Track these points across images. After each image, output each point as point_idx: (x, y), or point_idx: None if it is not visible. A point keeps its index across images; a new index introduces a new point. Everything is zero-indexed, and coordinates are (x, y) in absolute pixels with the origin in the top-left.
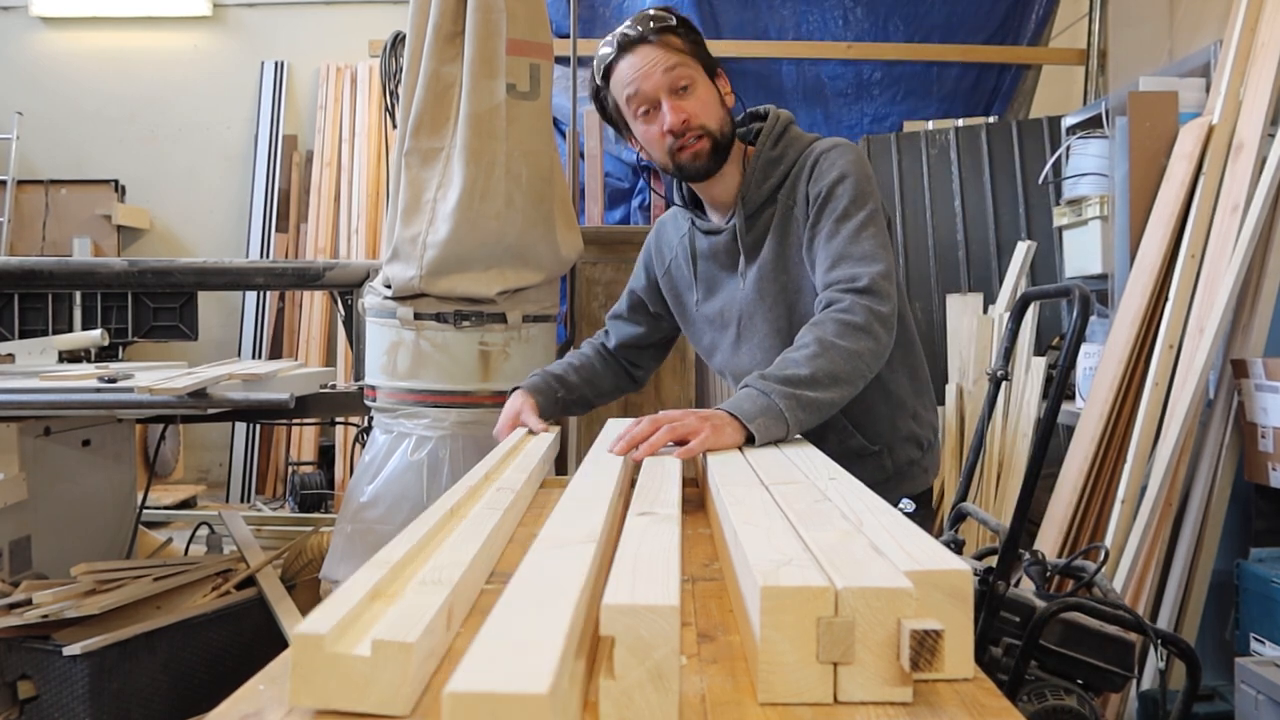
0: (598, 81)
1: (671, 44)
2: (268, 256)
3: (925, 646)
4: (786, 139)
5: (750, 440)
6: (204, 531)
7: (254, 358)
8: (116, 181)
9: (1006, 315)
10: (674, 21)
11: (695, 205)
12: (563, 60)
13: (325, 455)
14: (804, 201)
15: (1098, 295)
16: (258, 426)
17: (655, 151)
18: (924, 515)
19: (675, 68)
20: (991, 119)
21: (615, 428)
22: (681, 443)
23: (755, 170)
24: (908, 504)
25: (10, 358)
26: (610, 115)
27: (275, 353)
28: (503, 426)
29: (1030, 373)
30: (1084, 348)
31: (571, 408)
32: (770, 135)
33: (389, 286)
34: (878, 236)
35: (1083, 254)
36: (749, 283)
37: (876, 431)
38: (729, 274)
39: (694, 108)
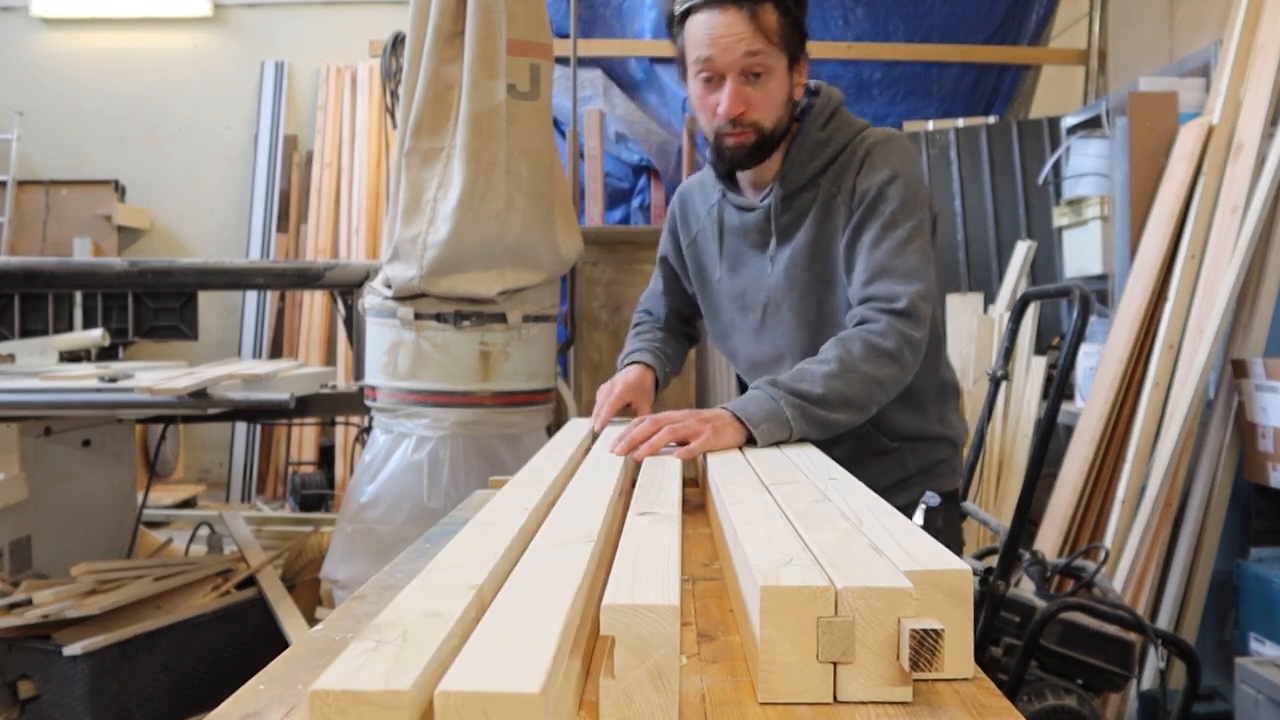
0: (675, 9)
1: (764, 20)
2: (268, 256)
3: (925, 646)
4: (836, 121)
5: (751, 441)
6: (204, 531)
7: (254, 358)
8: (116, 181)
9: (1007, 315)
10: None
11: (729, 177)
12: (563, 60)
13: (325, 455)
14: (849, 194)
15: (1098, 295)
16: (258, 426)
17: (702, 117)
18: (949, 513)
19: (757, 54)
20: (991, 119)
21: (614, 427)
22: (682, 443)
23: (800, 150)
24: (931, 497)
25: (11, 358)
26: (675, 46)
27: (275, 353)
28: (611, 407)
29: (1030, 373)
30: (1084, 348)
31: (664, 384)
32: (820, 115)
33: (389, 286)
34: (923, 251)
35: (1083, 254)
36: (779, 268)
37: (896, 429)
38: (758, 254)
39: (758, 101)
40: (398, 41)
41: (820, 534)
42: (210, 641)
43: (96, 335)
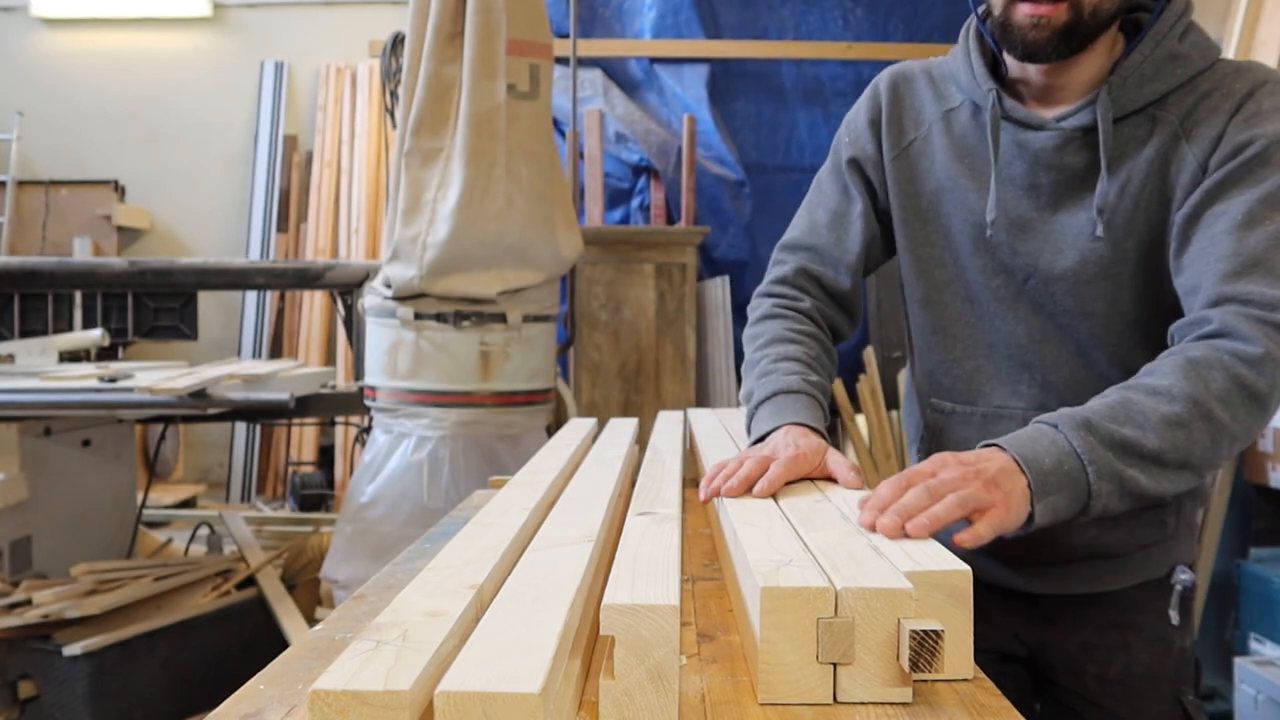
0: None
1: None
2: (268, 256)
3: (925, 647)
4: (1194, 36)
5: (1029, 520)
6: (204, 531)
7: (254, 358)
8: (116, 181)
9: None
10: None
11: (997, 73)
12: (563, 60)
13: (325, 455)
14: (1210, 142)
15: None
16: (258, 426)
17: None
18: (1194, 588)
19: None
20: None
21: (619, 427)
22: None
23: (1147, 61)
24: (1184, 573)
25: (11, 358)
26: None
27: (275, 353)
28: (788, 476)
29: None
30: None
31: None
32: (1177, 20)
33: (389, 286)
34: None
35: None
36: (1059, 233)
37: None
38: (1037, 196)
39: None
40: (398, 41)
41: (820, 534)
42: (210, 641)
43: (96, 335)
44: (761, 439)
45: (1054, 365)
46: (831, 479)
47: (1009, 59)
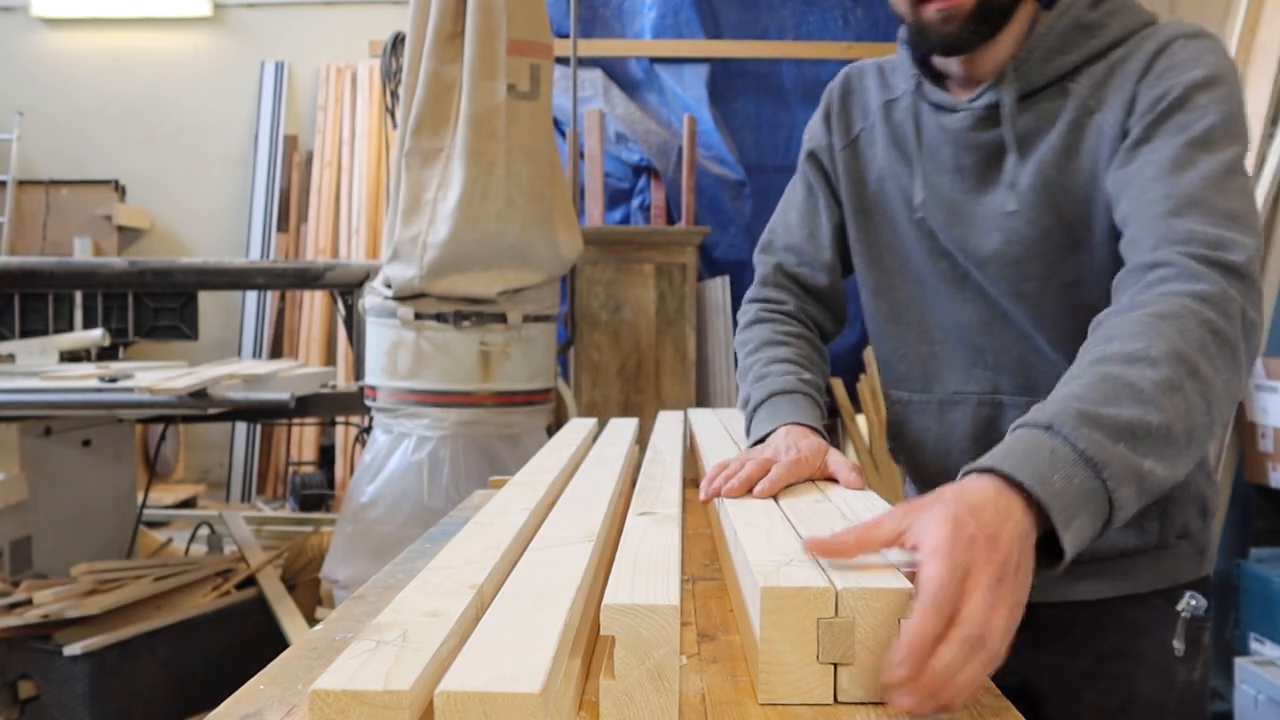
0: None
1: None
2: (268, 256)
3: None
4: (1113, 3)
5: (1058, 557)
6: (204, 531)
7: (254, 358)
8: (116, 181)
9: None
10: None
11: (924, 65)
12: (563, 60)
13: (325, 455)
14: (1124, 107)
15: None
16: (258, 426)
17: None
18: (1210, 619)
19: None
20: None
21: (619, 427)
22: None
23: (1051, 33)
24: (1195, 599)
25: (11, 358)
26: None
27: (275, 353)
28: (788, 479)
29: None
30: None
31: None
32: None
33: (389, 286)
34: (1249, 188)
35: None
36: (986, 213)
37: None
38: (962, 177)
39: None
40: (398, 41)
41: (820, 534)
42: (210, 641)
43: (96, 335)
44: (761, 440)
45: (1003, 347)
46: (833, 479)
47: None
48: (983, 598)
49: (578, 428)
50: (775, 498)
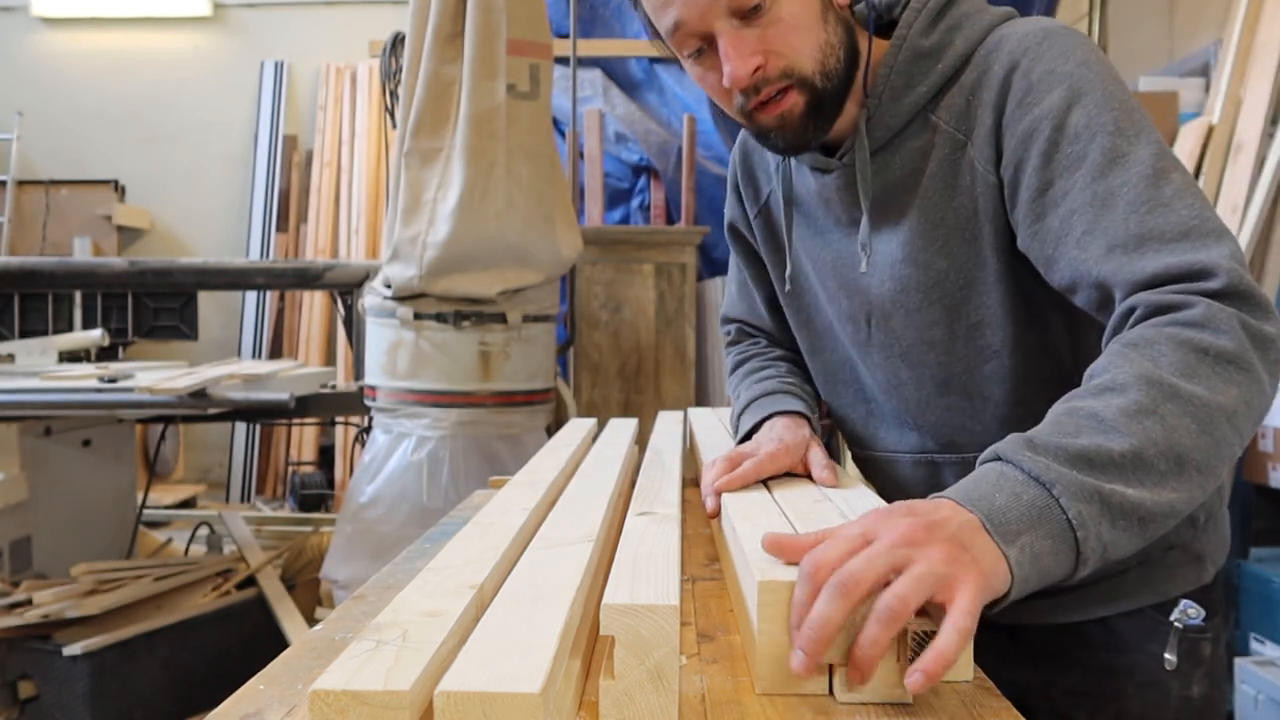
0: None
1: None
2: (268, 256)
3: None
4: (951, 18)
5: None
6: (204, 531)
7: (254, 358)
8: (116, 181)
9: None
10: None
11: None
12: (563, 60)
13: (325, 455)
14: (989, 136)
15: None
16: (258, 426)
17: (721, 102)
18: (1214, 629)
19: None
20: None
21: (619, 427)
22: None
23: (893, 72)
24: (1192, 609)
25: (11, 358)
26: (647, 30)
27: (275, 353)
28: (751, 472)
29: None
30: None
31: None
32: (924, 13)
33: (389, 286)
34: (1186, 181)
35: None
36: (879, 264)
37: None
38: (846, 235)
39: (775, 40)
40: (398, 41)
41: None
42: (210, 641)
43: (96, 335)
44: (748, 436)
45: (919, 408)
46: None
47: None
48: (870, 554)
49: (577, 428)
50: (775, 498)
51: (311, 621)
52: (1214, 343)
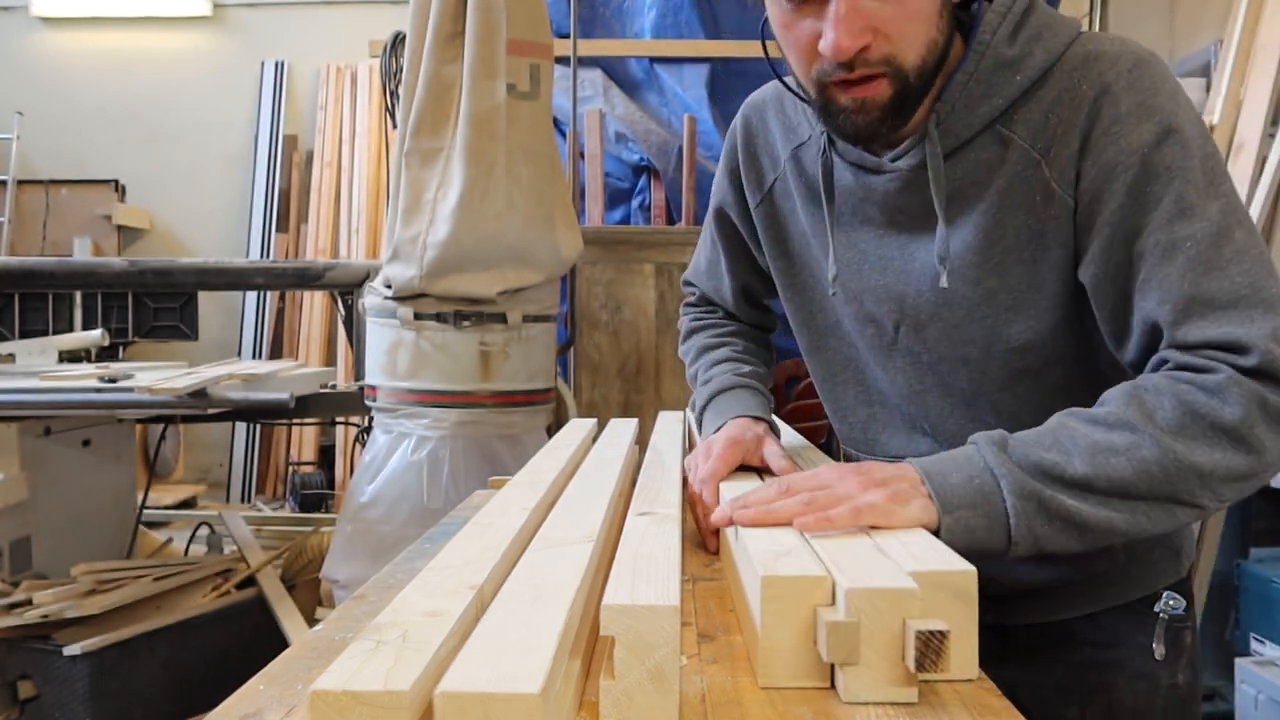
0: None
1: None
2: (268, 256)
3: (931, 647)
4: (1032, 27)
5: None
6: (204, 531)
7: (254, 358)
8: (116, 181)
9: None
10: None
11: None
12: (563, 60)
13: (325, 455)
14: (1072, 159)
15: None
16: (258, 426)
17: (792, 59)
18: (1191, 618)
19: None
20: None
21: (619, 427)
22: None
23: (972, 79)
24: (1174, 599)
25: (11, 358)
26: None
27: (275, 353)
28: (724, 467)
29: None
30: None
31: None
32: (1004, 18)
33: (389, 286)
34: (1250, 241)
35: None
36: (921, 273)
37: None
38: (883, 238)
39: (891, 23)
40: (398, 41)
41: (823, 536)
42: (210, 641)
43: (96, 335)
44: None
45: (940, 418)
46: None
47: None
48: (835, 491)
49: (577, 428)
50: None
51: (311, 621)
52: (1217, 410)
